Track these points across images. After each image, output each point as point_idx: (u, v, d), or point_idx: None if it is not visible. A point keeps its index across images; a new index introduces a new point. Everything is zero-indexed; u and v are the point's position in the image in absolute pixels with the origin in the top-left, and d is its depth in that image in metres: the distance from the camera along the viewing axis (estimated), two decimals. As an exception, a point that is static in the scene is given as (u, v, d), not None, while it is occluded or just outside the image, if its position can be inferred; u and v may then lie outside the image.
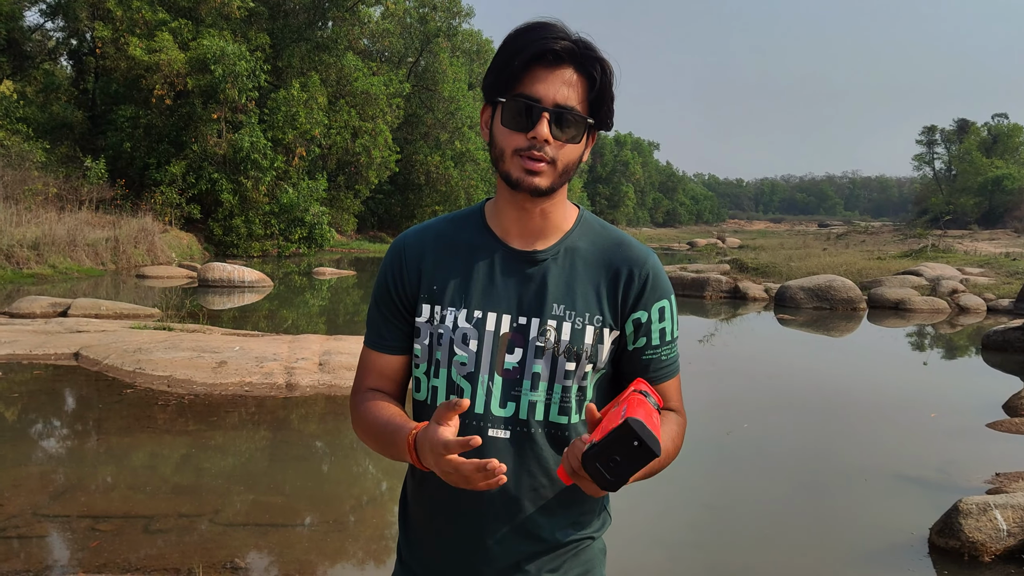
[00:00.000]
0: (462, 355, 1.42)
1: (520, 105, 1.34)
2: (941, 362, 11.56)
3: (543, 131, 1.33)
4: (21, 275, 18.09)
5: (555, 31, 1.35)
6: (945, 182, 79.27)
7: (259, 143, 27.96)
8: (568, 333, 1.41)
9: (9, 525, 4.36)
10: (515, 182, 1.37)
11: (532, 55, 1.34)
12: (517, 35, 1.37)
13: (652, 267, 1.49)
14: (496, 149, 1.40)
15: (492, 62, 1.39)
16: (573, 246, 1.47)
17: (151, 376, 7.80)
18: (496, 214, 1.48)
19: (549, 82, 1.34)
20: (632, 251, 1.49)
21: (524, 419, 1.41)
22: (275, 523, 4.63)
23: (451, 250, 1.47)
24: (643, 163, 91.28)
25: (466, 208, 1.56)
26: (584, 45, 1.36)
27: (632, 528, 4.88)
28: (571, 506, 1.47)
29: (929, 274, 19.76)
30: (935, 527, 4.58)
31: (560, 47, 1.33)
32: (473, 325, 1.42)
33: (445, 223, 1.53)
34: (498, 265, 1.45)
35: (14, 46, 31.01)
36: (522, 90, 1.34)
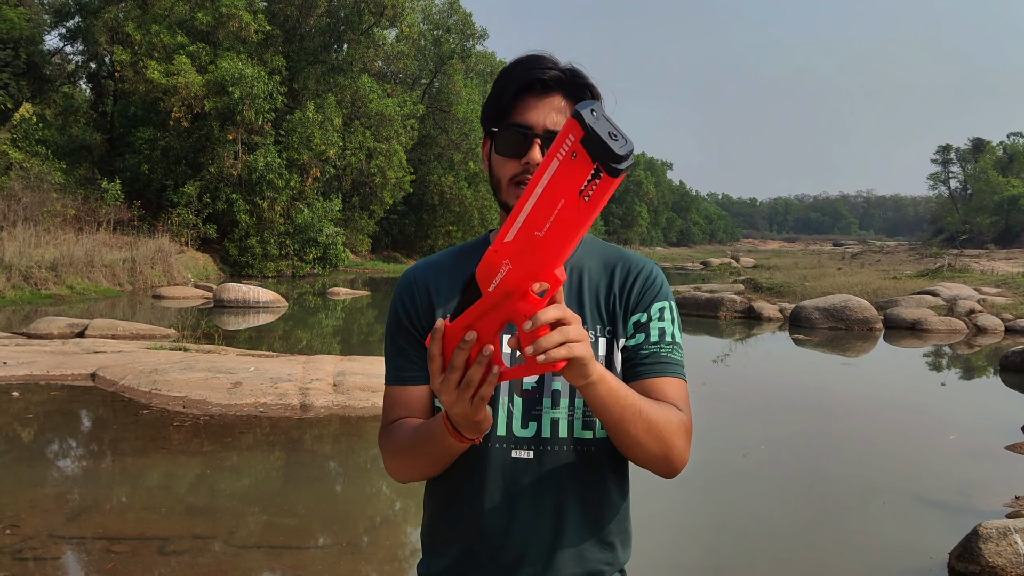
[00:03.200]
0: None
1: (512, 133, 1.39)
2: (959, 383, 11.46)
3: (535, 156, 1.37)
4: (39, 295, 18.26)
5: (544, 62, 1.40)
6: (961, 201, 78.90)
7: (274, 164, 28.19)
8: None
9: (25, 546, 4.38)
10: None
11: (521, 85, 1.38)
12: (508, 69, 1.42)
13: (652, 270, 1.51)
14: (494, 179, 1.44)
15: (487, 96, 1.44)
16: (579, 265, 1.49)
17: (167, 396, 7.84)
18: None
19: (539, 109, 1.38)
20: (632, 258, 1.52)
21: (547, 437, 1.41)
22: (289, 545, 4.63)
23: (459, 279, 1.47)
24: (656, 182, 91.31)
25: (471, 240, 1.59)
26: (572, 73, 1.41)
27: (647, 551, 4.84)
28: (597, 528, 1.46)
29: (946, 294, 19.61)
30: (954, 551, 4.52)
31: (548, 76, 1.38)
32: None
33: (451, 257, 1.55)
34: None
35: (34, 69, 31.46)
36: (514, 119, 1.39)
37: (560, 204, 1.00)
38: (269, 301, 18.46)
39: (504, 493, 1.41)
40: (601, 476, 1.45)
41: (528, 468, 1.41)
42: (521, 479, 1.41)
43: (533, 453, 1.41)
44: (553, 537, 1.42)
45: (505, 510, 1.41)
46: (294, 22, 33.90)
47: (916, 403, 9.60)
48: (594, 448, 1.44)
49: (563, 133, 0.97)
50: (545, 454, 1.41)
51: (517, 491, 1.41)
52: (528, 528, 1.41)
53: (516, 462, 1.41)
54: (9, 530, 4.57)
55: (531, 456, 1.41)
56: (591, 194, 0.98)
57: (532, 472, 1.41)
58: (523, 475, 1.41)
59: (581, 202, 0.99)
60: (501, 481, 1.41)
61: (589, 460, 1.43)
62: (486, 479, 1.41)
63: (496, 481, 1.41)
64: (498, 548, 1.41)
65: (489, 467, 1.41)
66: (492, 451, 1.41)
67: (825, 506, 5.71)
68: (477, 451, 1.40)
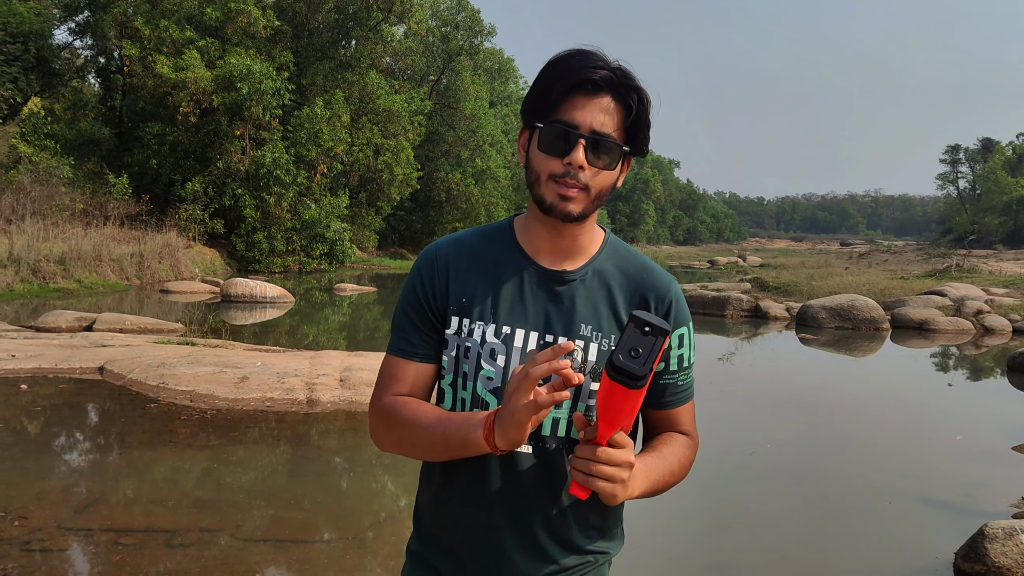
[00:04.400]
0: (489, 369, 1.44)
1: (557, 131, 1.37)
2: (966, 384, 11.42)
3: (579, 157, 1.36)
4: (47, 289, 18.33)
5: (595, 59, 1.37)
6: (969, 201, 78.62)
7: (282, 159, 28.23)
8: (595, 354, 1.44)
9: (33, 538, 4.40)
10: (548, 207, 1.40)
11: (572, 84, 1.36)
12: (558, 62, 1.39)
13: (675, 295, 1.52)
14: (532, 173, 1.42)
15: (532, 88, 1.42)
16: (601, 268, 1.50)
17: (174, 391, 7.86)
18: (526, 232, 1.50)
19: (587, 109, 1.36)
20: (657, 278, 1.52)
21: (547, 435, 1.43)
22: (295, 539, 4.65)
23: (481, 264, 1.49)
24: (663, 181, 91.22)
25: (495, 223, 1.58)
26: (623, 74, 1.38)
27: (650, 550, 4.85)
28: (591, 522, 1.50)
29: (953, 294, 19.54)
30: (960, 551, 4.52)
31: (599, 76, 1.36)
32: (501, 340, 1.44)
33: (475, 237, 1.54)
34: (527, 282, 1.47)
35: (43, 64, 31.57)
36: (560, 116, 1.37)
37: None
38: (276, 296, 18.50)
39: (500, 484, 1.43)
40: None
41: (527, 462, 1.43)
42: (518, 472, 1.43)
43: (532, 449, 1.44)
44: (545, 529, 1.45)
45: (500, 501, 1.43)
46: (302, 18, 33.92)
47: (923, 403, 9.58)
48: None
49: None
50: (543, 451, 1.44)
51: (513, 483, 1.43)
52: (520, 519, 1.44)
53: (515, 456, 1.43)
54: (17, 522, 4.60)
55: (530, 451, 1.44)
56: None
57: (530, 466, 1.43)
58: (521, 469, 1.43)
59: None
60: (500, 474, 1.43)
61: None
62: (484, 469, 1.43)
63: (495, 474, 1.43)
64: (494, 538, 1.44)
65: (489, 460, 1.43)
66: None
67: (831, 506, 5.71)
68: None
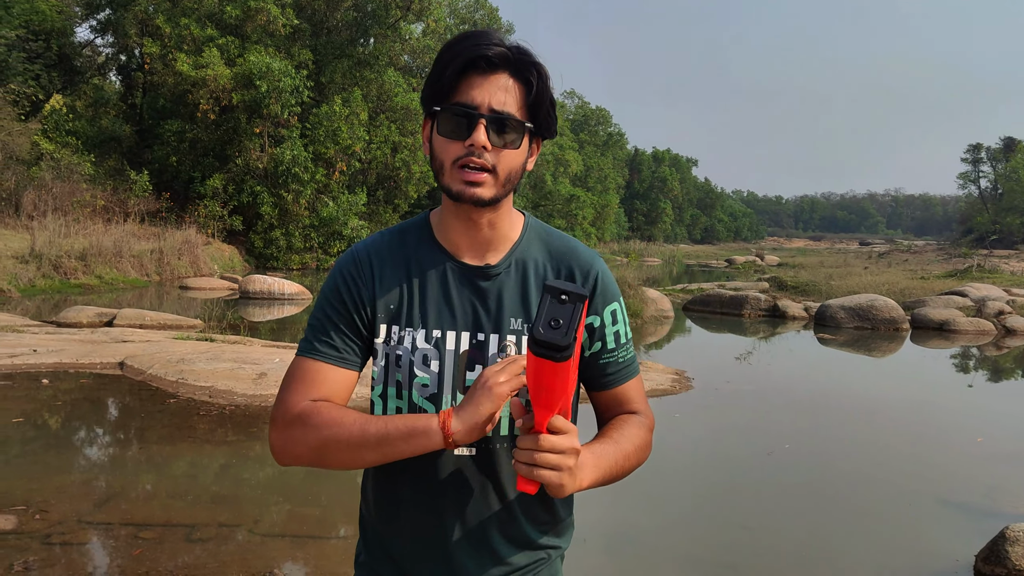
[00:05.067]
0: (424, 376, 1.40)
1: (456, 113, 1.31)
2: (987, 385, 11.31)
3: (480, 138, 1.31)
4: (68, 285, 18.50)
5: (489, 38, 1.32)
6: (991, 201, 77.75)
7: (300, 157, 28.35)
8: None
9: (54, 532, 4.45)
10: (456, 194, 1.34)
11: (466, 62, 1.31)
12: (451, 45, 1.34)
13: (600, 271, 1.48)
14: (436, 162, 1.37)
15: (429, 74, 1.36)
16: (523, 257, 1.46)
17: (193, 386, 7.92)
18: (443, 228, 1.45)
19: (484, 88, 1.32)
20: (581, 257, 1.48)
21: (489, 436, 1.40)
22: (312, 535, 4.67)
23: (405, 267, 1.44)
24: (681, 179, 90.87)
25: (411, 219, 1.53)
26: (519, 50, 1.34)
27: (669, 550, 4.84)
28: (541, 518, 1.47)
29: (974, 295, 19.35)
30: (981, 554, 4.48)
31: (494, 53, 1.31)
32: (433, 345, 1.40)
33: (394, 236, 1.48)
34: (452, 282, 1.43)
35: (65, 61, 31.84)
36: (458, 98, 1.32)
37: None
38: (294, 293, 18.58)
39: (445, 489, 1.40)
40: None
41: (470, 465, 1.41)
42: (462, 475, 1.40)
43: (475, 451, 1.41)
44: (496, 530, 1.42)
45: (446, 506, 1.40)
46: (321, 16, 34.04)
47: (943, 405, 9.50)
48: None
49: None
50: (485, 451, 1.41)
51: (458, 487, 1.40)
52: (469, 522, 1.41)
53: (458, 459, 1.40)
54: (38, 515, 4.65)
55: (473, 453, 1.41)
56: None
57: (474, 469, 1.41)
58: (465, 471, 1.40)
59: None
60: (442, 478, 1.40)
61: None
62: (428, 476, 1.40)
63: (437, 478, 1.40)
64: (440, 542, 1.41)
65: (431, 463, 1.39)
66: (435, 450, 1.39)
67: (849, 507, 5.67)
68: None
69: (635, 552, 4.74)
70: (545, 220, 50.00)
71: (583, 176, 60.81)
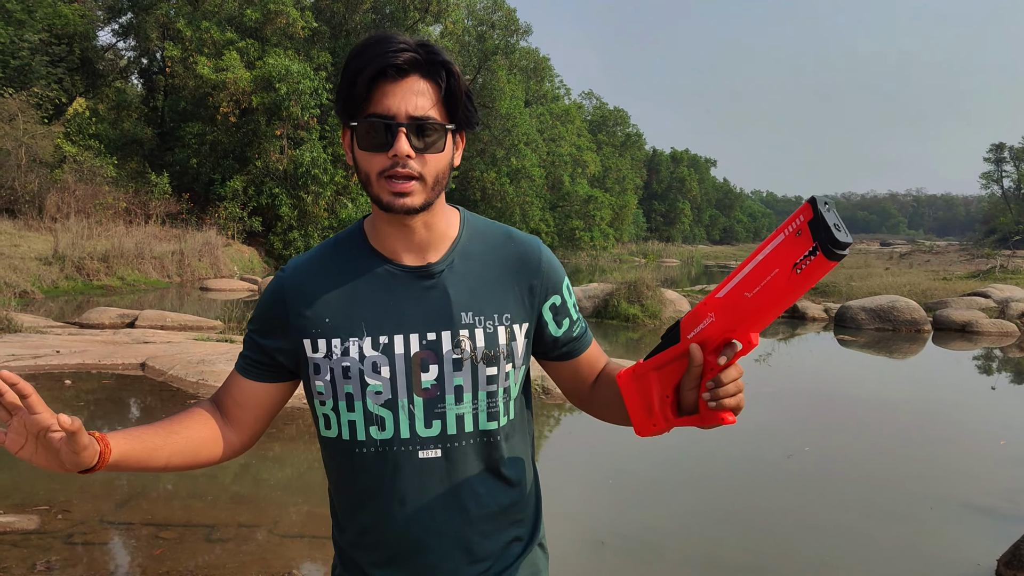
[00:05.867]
0: (376, 384, 1.37)
1: (374, 125, 1.29)
2: (1010, 387, 11.19)
3: (403, 147, 1.28)
4: (91, 286, 18.70)
5: (395, 42, 1.30)
6: (1014, 201, 76.93)
7: (319, 159, 28.50)
8: (482, 339, 1.39)
9: (76, 531, 4.49)
10: (387, 205, 1.32)
11: (376, 72, 1.28)
12: (357, 53, 1.31)
13: (545, 252, 1.51)
14: (361, 174, 1.35)
15: (339, 85, 1.35)
16: (465, 250, 1.45)
17: (213, 387, 7.97)
18: (378, 234, 1.43)
19: (398, 95, 1.29)
20: (523, 243, 1.49)
21: (453, 434, 1.38)
22: (331, 535, 4.68)
23: (340, 278, 1.42)
24: (700, 180, 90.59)
25: (345, 230, 1.51)
26: (427, 50, 1.32)
27: (689, 553, 4.82)
28: (511, 514, 1.46)
29: (997, 296, 19.14)
30: (1003, 558, 4.43)
31: (403, 59, 1.28)
32: (381, 351, 1.37)
33: (328, 250, 1.47)
34: (395, 286, 1.40)
35: (87, 65, 32.20)
36: (373, 109, 1.30)
37: (774, 272, 1.11)
38: (313, 294, 18.64)
39: (415, 495, 1.38)
40: (509, 459, 1.45)
41: (436, 467, 1.38)
42: (430, 479, 1.38)
43: (440, 451, 1.38)
44: (468, 529, 1.41)
45: (417, 512, 1.38)
46: (340, 18, 34.22)
47: (965, 407, 9.40)
48: (499, 436, 1.42)
49: (795, 214, 1.09)
50: (452, 451, 1.39)
51: (427, 491, 1.38)
52: (442, 525, 1.39)
53: (424, 463, 1.38)
54: (60, 515, 4.70)
55: (439, 455, 1.38)
56: (804, 268, 1.08)
57: (441, 470, 1.38)
58: (432, 475, 1.38)
59: (793, 274, 1.09)
60: (410, 483, 1.38)
61: (496, 448, 1.42)
62: (395, 483, 1.38)
63: (405, 484, 1.38)
64: (414, 550, 1.40)
65: (396, 471, 1.38)
66: (398, 454, 1.37)
67: (870, 510, 5.63)
68: (383, 456, 1.37)
69: (654, 555, 4.73)
70: (563, 221, 49.79)
71: (601, 177, 60.73)
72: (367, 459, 1.38)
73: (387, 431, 1.37)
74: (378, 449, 1.37)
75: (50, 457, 1.19)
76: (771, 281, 1.11)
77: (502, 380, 1.41)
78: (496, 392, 1.40)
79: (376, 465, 1.38)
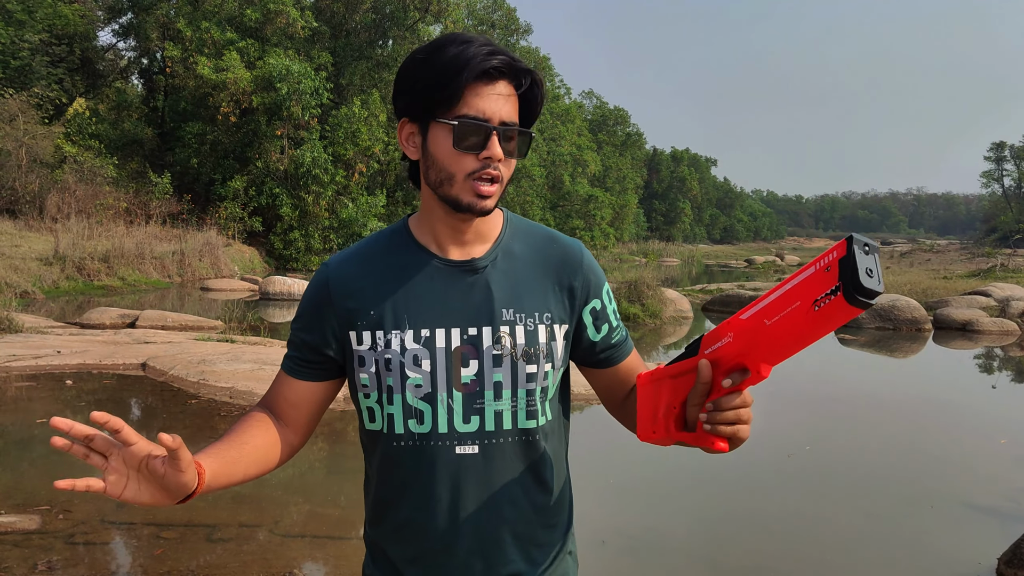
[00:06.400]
0: (416, 377, 1.37)
1: (470, 127, 1.30)
2: (1011, 386, 11.19)
3: (498, 151, 1.31)
4: (92, 286, 18.70)
5: (484, 45, 1.31)
6: (1015, 200, 76.91)
7: (320, 159, 28.50)
8: (523, 336, 1.39)
9: (77, 531, 4.50)
10: (467, 206, 1.34)
11: (476, 74, 1.29)
12: (449, 51, 1.31)
13: (587, 256, 1.51)
14: (443, 172, 1.34)
15: (418, 79, 1.34)
16: (508, 248, 1.45)
17: (214, 387, 7.98)
18: (427, 231, 1.44)
19: (491, 99, 1.31)
20: (565, 245, 1.49)
21: (492, 431, 1.38)
22: (332, 535, 4.69)
23: (385, 272, 1.42)
24: (700, 179, 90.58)
25: (388, 227, 1.51)
26: (512, 57, 1.33)
27: (690, 553, 4.82)
28: (544, 518, 1.46)
29: (998, 294, 19.15)
30: (1003, 557, 4.43)
31: (499, 62, 1.30)
32: (423, 345, 1.37)
33: (372, 245, 1.48)
34: (438, 279, 1.41)
35: (88, 65, 32.22)
36: (467, 111, 1.30)
37: (795, 305, 1.06)
38: (313, 294, 18.64)
39: (450, 491, 1.37)
40: (546, 461, 1.44)
41: (474, 463, 1.38)
42: (467, 475, 1.37)
43: (478, 448, 1.38)
44: (503, 528, 1.40)
45: (452, 508, 1.38)
46: (340, 18, 34.22)
47: (966, 406, 9.40)
48: (538, 435, 1.42)
49: (831, 249, 1.04)
50: (490, 447, 1.38)
51: (463, 487, 1.38)
52: (476, 524, 1.39)
53: (461, 458, 1.37)
54: (62, 515, 4.71)
55: (476, 451, 1.38)
56: (823, 306, 1.03)
57: (478, 467, 1.38)
58: (469, 471, 1.37)
59: (811, 309, 1.04)
60: (447, 479, 1.37)
61: (534, 448, 1.42)
62: (431, 478, 1.37)
63: (442, 479, 1.37)
64: (448, 547, 1.39)
65: (433, 465, 1.37)
66: (436, 449, 1.37)
67: (871, 509, 5.63)
68: (420, 450, 1.37)
69: (656, 555, 4.73)
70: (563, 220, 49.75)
71: (601, 176, 60.71)
72: (404, 453, 1.38)
73: (425, 425, 1.37)
74: (415, 443, 1.37)
75: (155, 488, 1.17)
76: (790, 313, 1.07)
77: (541, 379, 1.40)
78: (535, 391, 1.40)
79: (413, 459, 1.38)
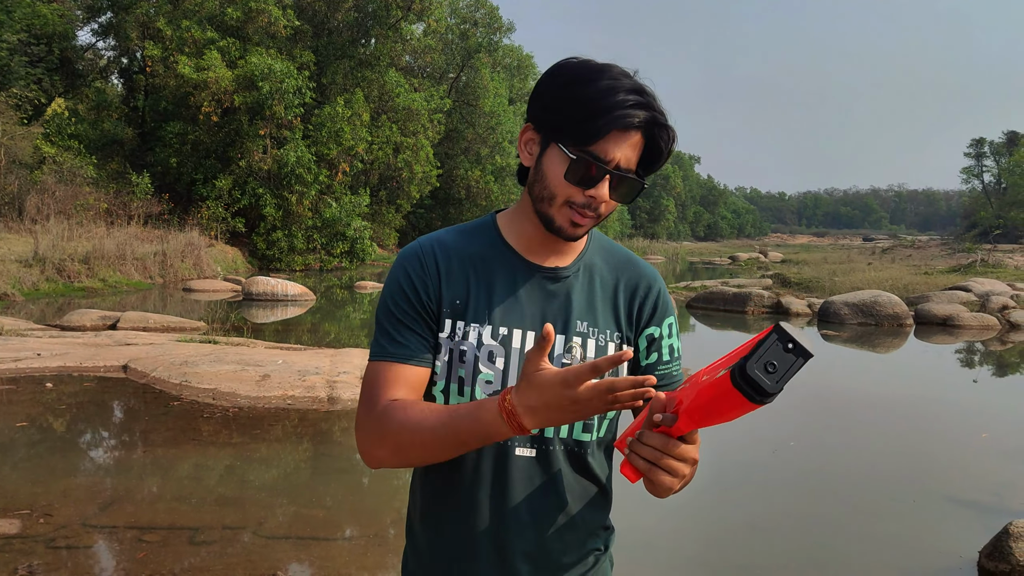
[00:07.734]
0: (488, 373, 1.39)
1: (587, 164, 1.32)
2: (991, 380, 11.29)
3: (604, 194, 1.34)
4: (72, 288, 18.53)
5: (635, 93, 1.32)
6: (995, 195, 77.59)
7: (303, 158, 28.37)
8: (593, 350, 1.43)
9: (58, 535, 4.46)
10: (557, 229, 1.38)
11: (619, 126, 1.31)
12: (598, 85, 1.32)
13: (661, 285, 1.54)
14: (547, 191, 1.36)
15: (557, 99, 1.35)
16: (590, 263, 1.49)
17: (197, 389, 7.93)
18: (515, 231, 1.46)
19: (619, 145, 1.32)
20: (643, 269, 1.54)
21: (549, 437, 1.41)
22: (316, 536, 4.67)
23: (470, 264, 1.44)
24: (684, 177, 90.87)
25: (474, 220, 1.52)
26: (656, 111, 1.34)
27: (676, 550, 4.84)
28: (590, 525, 1.49)
29: (978, 290, 19.33)
30: (984, 550, 4.47)
31: (644, 118, 1.31)
32: (499, 342, 1.40)
33: (458, 235, 1.48)
34: (521, 281, 1.43)
35: (67, 65, 31.92)
36: (593, 148, 1.32)
37: (722, 372, 1.06)
38: (297, 295, 18.60)
39: (503, 491, 1.40)
40: (594, 475, 1.48)
41: (528, 466, 1.40)
42: (521, 477, 1.40)
43: (535, 451, 1.41)
44: (552, 534, 1.43)
45: (502, 508, 1.40)
46: (322, 17, 34.08)
47: (947, 401, 9.48)
48: (589, 449, 1.45)
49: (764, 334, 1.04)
50: (545, 453, 1.41)
51: (516, 489, 1.40)
52: (525, 526, 1.41)
53: (517, 459, 1.40)
54: (42, 519, 4.66)
55: (533, 454, 1.41)
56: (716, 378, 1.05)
57: (532, 470, 1.41)
58: (523, 472, 1.40)
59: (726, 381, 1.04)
60: (501, 477, 1.40)
61: (585, 460, 1.45)
62: (488, 475, 1.40)
63: (496, 477, 1.40)
64: (498, 551, 1.41)
65: (491, 463, 1.40)
66: (495, 447, 1.39)
67: (854, 504, 5.67)
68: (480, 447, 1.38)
69: (645, 554, 4.74)
70: (548, 219, 50.78)
71: (585, 174, 60.74)
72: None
73: None
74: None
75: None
76: (718, 379, 1.05)
77: None
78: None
79: (472, 454, 1.39)
